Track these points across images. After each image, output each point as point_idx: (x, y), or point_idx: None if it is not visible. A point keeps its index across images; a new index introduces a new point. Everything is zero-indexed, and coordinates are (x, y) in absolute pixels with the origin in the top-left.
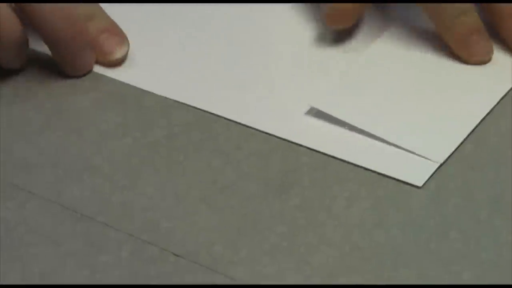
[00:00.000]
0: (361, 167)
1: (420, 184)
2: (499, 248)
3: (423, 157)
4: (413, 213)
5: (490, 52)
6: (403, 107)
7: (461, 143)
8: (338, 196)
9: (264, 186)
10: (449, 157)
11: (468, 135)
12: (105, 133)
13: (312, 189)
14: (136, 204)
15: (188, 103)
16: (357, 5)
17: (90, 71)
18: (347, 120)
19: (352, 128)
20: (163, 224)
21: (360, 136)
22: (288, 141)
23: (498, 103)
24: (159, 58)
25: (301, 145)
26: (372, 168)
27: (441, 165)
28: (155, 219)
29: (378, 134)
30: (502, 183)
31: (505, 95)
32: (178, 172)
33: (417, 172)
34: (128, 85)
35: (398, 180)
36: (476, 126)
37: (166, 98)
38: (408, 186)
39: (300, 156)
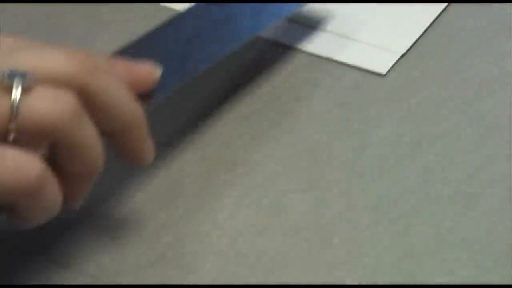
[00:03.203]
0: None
1: None
2: (380, 253)
3: None
4: (296, 220)
5: None
6: None
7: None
8: (222, 205)
9: (150, 195)
10: (332, 158)
11: None
12: None
13: (196, 199)
14: None
15: None
16: None
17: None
18: None
19: None
20: (47, 235)
21: None
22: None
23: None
24: None
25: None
26: None
27: (324, 171)
28: (38, 230)
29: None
30: (383, 187)
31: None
32: None
33: None
34: None
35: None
36: None
37: None
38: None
39: (184, 167)
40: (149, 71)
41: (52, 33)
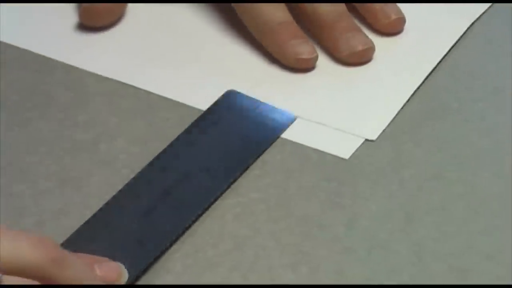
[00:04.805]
0: None
1: None
2: None
3: None
4: None
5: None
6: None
7: None
8: (209, 282)
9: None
10: None
11: None
12: None
13: (183, 276)
14: None
15: None
16: (110, 5)
17: None
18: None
19: None
20: None
21: None
22: None
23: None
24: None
25: None
26: None
27: (314, 245)
28: None
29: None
30: (374, 262)
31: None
32: None
33: None
34: None
35: None
36: None
37: None
38: None
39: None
40: (116, 276)
41: (37, 103)
